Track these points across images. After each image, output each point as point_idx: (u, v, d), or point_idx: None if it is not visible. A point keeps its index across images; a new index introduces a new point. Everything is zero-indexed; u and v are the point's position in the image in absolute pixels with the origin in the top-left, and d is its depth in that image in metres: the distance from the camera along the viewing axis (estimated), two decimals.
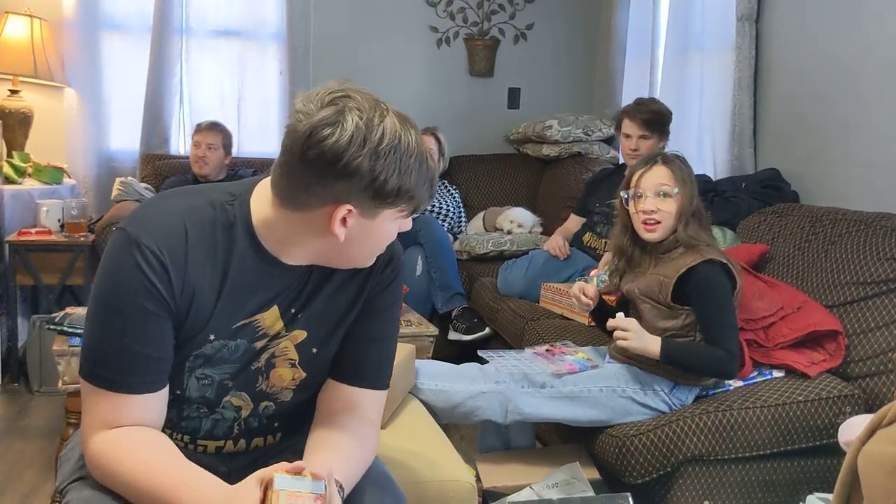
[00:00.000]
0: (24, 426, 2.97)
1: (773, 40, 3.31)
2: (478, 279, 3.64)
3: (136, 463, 1.14)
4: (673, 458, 2.06)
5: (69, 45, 4.04)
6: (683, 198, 2.15)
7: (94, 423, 1.17)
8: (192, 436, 1.31)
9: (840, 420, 2.06)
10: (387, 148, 1.10)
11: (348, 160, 1.09)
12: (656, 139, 3.17)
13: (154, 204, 1.25)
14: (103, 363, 1.16)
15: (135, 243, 1.14)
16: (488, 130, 4.77)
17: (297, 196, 1.14)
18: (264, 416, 1.33)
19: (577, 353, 2.37)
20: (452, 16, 4.71)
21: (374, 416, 1.36)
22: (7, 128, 3.79)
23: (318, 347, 1.31)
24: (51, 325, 2.30)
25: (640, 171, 2.21)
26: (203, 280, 1.19)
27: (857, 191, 2.84)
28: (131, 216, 1.20)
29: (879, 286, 2.32)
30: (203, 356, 1.23)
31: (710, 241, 2.23)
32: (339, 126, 1.08)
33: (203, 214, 1.20)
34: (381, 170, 1.10)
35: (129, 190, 3.78)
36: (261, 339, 1.26)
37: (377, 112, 1.11)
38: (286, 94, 4.39)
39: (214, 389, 1.27)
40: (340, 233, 1.15)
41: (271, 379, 1.30)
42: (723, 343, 2.09)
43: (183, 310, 1.18)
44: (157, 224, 1.17)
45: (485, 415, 2.13)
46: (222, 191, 1.24)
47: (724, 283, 2.12)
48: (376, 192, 1.12)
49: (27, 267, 3.39)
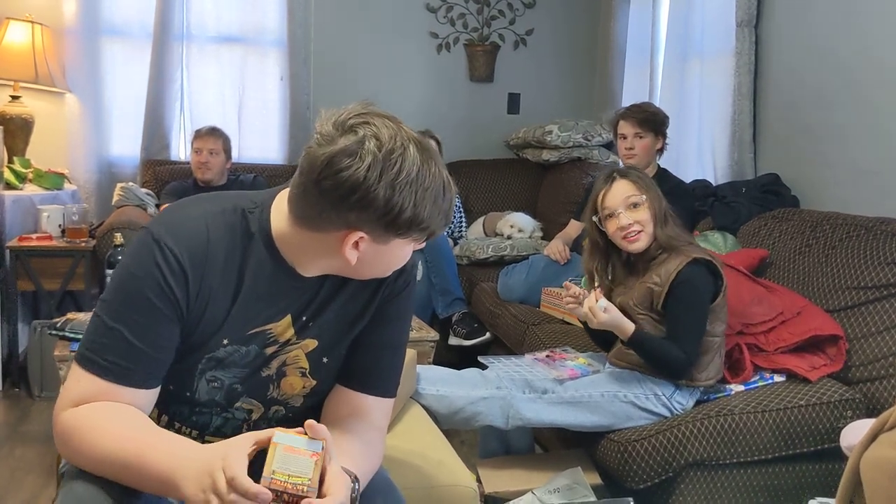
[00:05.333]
0: (25, 432, 2.96)
1: (772, 46, 3.32)
2: (478, 284, 3.64)
3: (103, 431, 1.11)
4: (675, 462, 2.06)
5: (70, 51, 4.05)
6: (652, 202, 2.18)
7: (69, 401, 1.15)
8: (202, 431, 1.32)
9: (842, 424, 2.07)
10: (403, 181, 1.09)
11: (364, 193, 1.08)
12: (652, 138, 3.17)
13: (180, 208, 1.25)
14: (100, 350, 1.15)
15: (156, 243, 1.16)
16: (488, 135, 4.78)
17: (310, 217, 1.15)
18: (274, 419, 1.34)
19: (577, 358, 2.37)
20: (452, 21, 4.73)
21: (382, 423, 1.37)
22: (8, 133, 3.79)
23: (328, 356, 1.32)
24: (52, 330, 2.30)
25: (602, 192, 2.23)
26: (220, 285, 1.20)
27: (856, 195, 2.84)
28: (158, 217, 1.23)
29: (880, 290, 2.32)
30: (215, 359, 1.24)
31: (689, 238, 2.25)
32: (356, 157, 1.07)
33: (225, 220, 1.21)
34: (397, 202, 1.10)
35: (129, 195, 3.79)
36: (271, 345, 1.27)
37: (398, 142, 1.10)
38: (287, 100, 4.40)
39: (224, 393, 1.27)
40: (352, 256, 1.16)
41: (282, 387, 1.31)
42: (684, 344, 2.10)
43: (196, 313, 1.19)
44: (180, 227, 1.19)
45: (486, 420, 2.13)
46: (246, 198, 1.25)
47: (705, 285, 2.13)
48: (390, 223, 1.12)
49: (28, 272, 3.38)
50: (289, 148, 4.44)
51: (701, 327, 2.12)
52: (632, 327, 2.12)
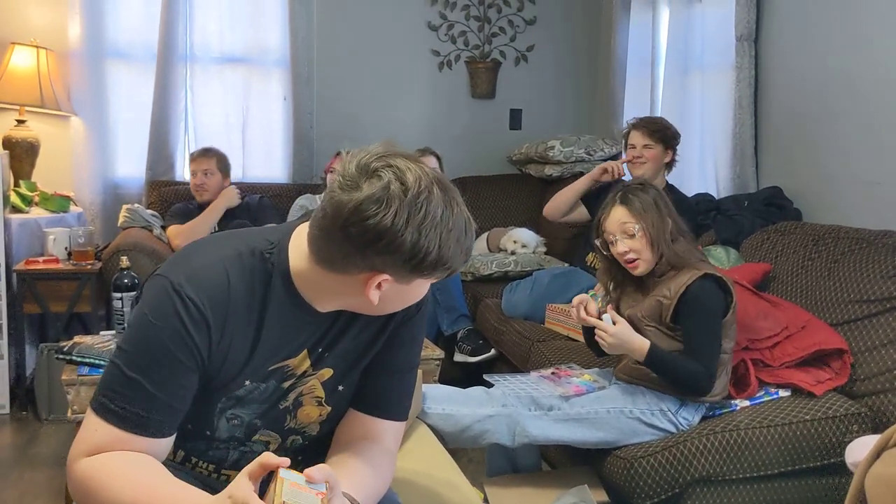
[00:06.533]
0: (34, 455, 2.97)
1: (772, 59, 3.34)
2: (482, 300, 3.65)
3: (120, 482, 1.11)
4: (681, 478, 2.06)
5: (75, 75, 4.07)
6: (648, 228, 2.16)
7: (84, 449, 1.15)
8: (218, 465, 1.32)
9: (848, 438, 2.07)
10: (429, 225, 1.10)
11: (391, 238, 1.08)
12: (660, 150, 3.23)
13: (196, 253, 1.24)
14: (119, 399, 1.15)
15: (177, 293, 1.15)
16: (491, 151, 4.79)
17: (334, 261, 1.15)
18: (291, 449, 1.34)
19: (583, 375, 2.37)
20: (454, 39, 4.75)
21: (392, 446, 1.37)
22: (14, 157, 3.82)
23: (343, 384, 1.33)
24: (59, 354, 2.30)
25: (604, 216, 2.24)
26: (241, 330, 1.21)
27: (859, 208, 2.85)
28: (174, 263, 1.22)
29: (884, 304, 2.33)
30: (235, 398, 1.25)
31: (700, 255, 2.25)
32: (383, 204, 1.07)
33: (243, 264, 1.21)
34: (423, 246, 1.10)
35: (135, 217, 3.80)
36: (289, 378, 1.28)
37: (422, 185, 1.10)
38: (290, 120, 4.42)
39: (244, 430, 1.29)
40: (374, 297, 1.17)
41: (299, 417, 1.32)
42: (701, 359, 2.10)
43: (218, 359, 1.20)
44: (199, 275, 1.18)
45: (493, 438, 2.13)
46: (261, 238, 1.25)
47: (716, 300, 2.13)
48: (415, 266, 1.13)
49: (35, 295, 3.40)
50: (293, 167, 4.46)
51: (716, 340, 2.12)
52: (646, 346, 2.11)
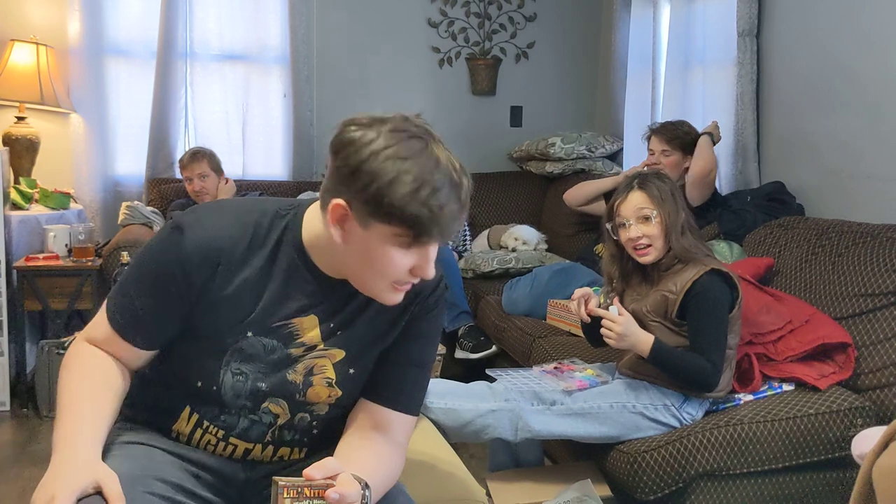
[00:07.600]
0: (34, 452, 2.96)
1: (774, 54, 3.33)
2: (483, 297, 3.64)
3: (74, 377, 1.25)
4: (685, 473, 2.05)
5: (75, 72, 4.06)
6: (665, 216, 2.16)
7: (89, 334, 1.31)
8: (227, 431, 1.33)
9: (852, 432, 2.06)
10: (396, 161, 1.13)
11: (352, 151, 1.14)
12: (679, 157, 3.27)
13: (213, 203, 1.36)
14: (113, 304, 1.29)
15: (179, 230, 1.25)
16: (491, 148, 4.79)
17: (323, 197, 1.21)
18: (298, 427, 1.35)
19: (585, 369, 2.36)
20: (454, 36, 4.74)
21: (402, 440, 1.38)
22: (14, 154, 3.82)
23: (354, 368, 1.34)
24: (60, 350, 2.30)
25: (619, 200, 2.23)
26: (246, 279, 1.26)
27: (862, 202, 2.84)
28: (188, 213, 1.31)
29: (888, 297, 2.32)
30: (239, 351, 1.28)
31: (707, 250, 2.24)
32: (366, 125, 1.17)
33: (257, 218, 1.29)
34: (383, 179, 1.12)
35: (135, 214, 3.80)
36: (297, 346, 1.30)
37: (415, 132, 1.18)
38: (290, 117, 4.41)
39: (249, 390, 1.30)
40: (336, 233, 1.19)
41: (308, 396, 1.33)
42: (709, 354, 2.09)
43: (220, 303, 1.26)
44: (205, 222, 1.27)
45: (495, 433, 2.12)
46: (281, 202, 1.33)
47: (723, 295, 2.12)
48: (371, 201, 1.13)
49: (35, 292, 3.39)
50: (293, 164, 4.45)
51: (722, 335, 2.11)
52: (650, 341, 2.11)
